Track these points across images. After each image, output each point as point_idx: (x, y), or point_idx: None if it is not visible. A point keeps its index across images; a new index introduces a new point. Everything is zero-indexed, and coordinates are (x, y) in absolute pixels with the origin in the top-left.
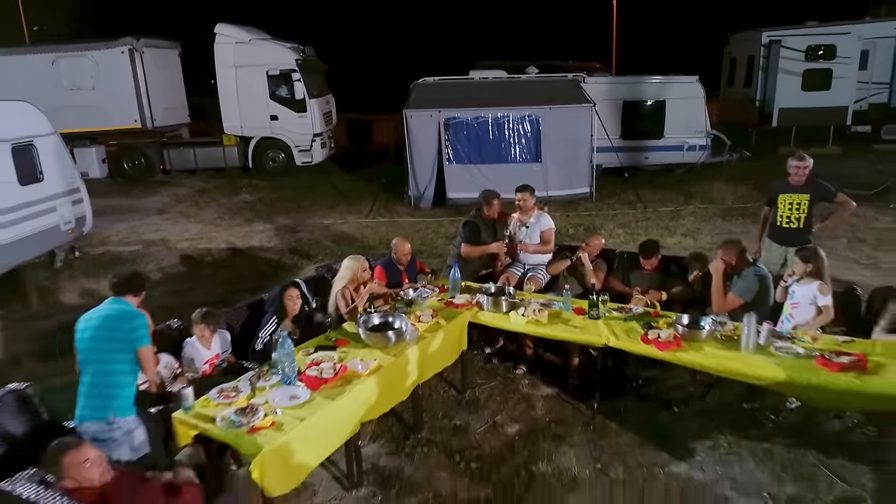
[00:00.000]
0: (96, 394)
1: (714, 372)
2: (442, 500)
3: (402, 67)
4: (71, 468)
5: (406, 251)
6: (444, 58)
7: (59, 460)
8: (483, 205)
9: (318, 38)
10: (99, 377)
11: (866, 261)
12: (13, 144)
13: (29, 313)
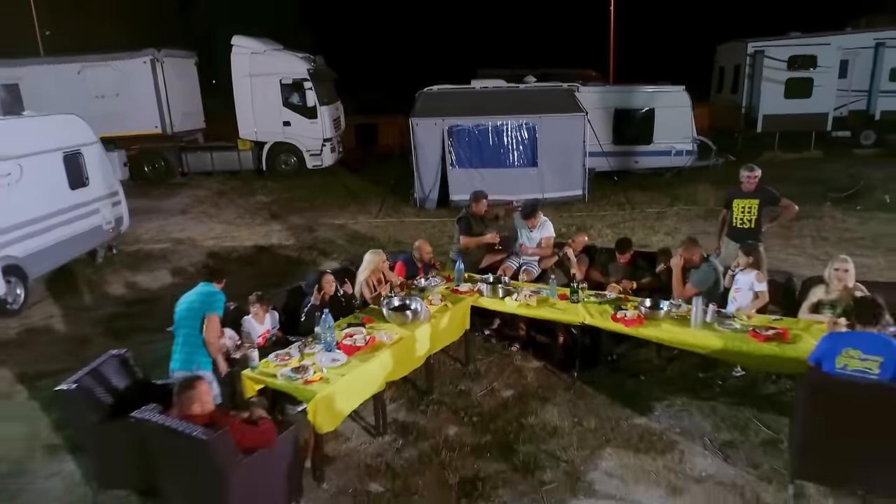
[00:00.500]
0: (186, 351)
1: (668, 343)
2: (450, 445)
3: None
4: (201, 394)
5: (427, 251)
6: (447, 63)
7: (194, 387)
8: (472, 202)
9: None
10: (188, 338)
11: (825, 257)
12: (64, 153)
13: (85, 303)
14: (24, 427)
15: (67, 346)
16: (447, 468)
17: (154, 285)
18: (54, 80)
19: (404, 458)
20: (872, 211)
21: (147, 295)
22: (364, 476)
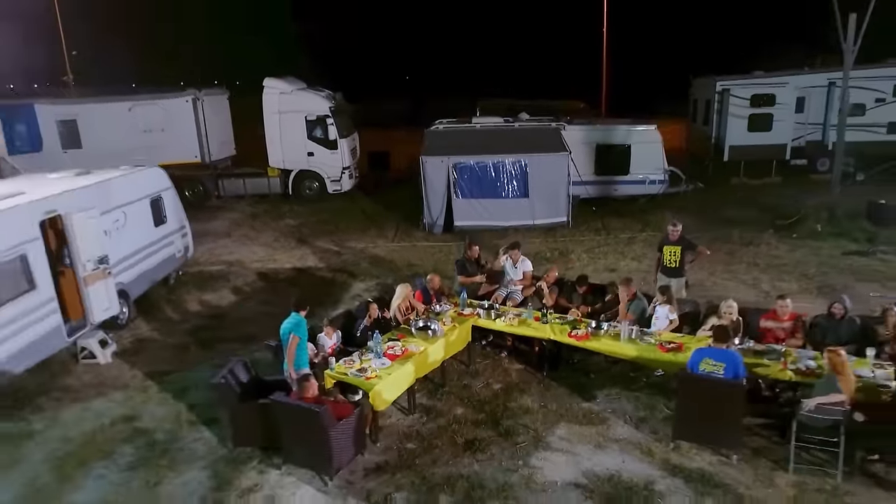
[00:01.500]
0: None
1: (604, 353)
2: (457, 420)
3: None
4: (312, 385)
5: (436, 284)
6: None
7: (308, 381)
8: (466, 249)
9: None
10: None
11: (752, 282)
12: (150, 199)
13: (171, 317)
14: (167, 409)
15: (172, 353)
16: (456, 434)
17: (221, 302)
18: (107, 117)
19: (427, 427)
20: (805, 239)
21: (217, 311)
22: (402, 438)
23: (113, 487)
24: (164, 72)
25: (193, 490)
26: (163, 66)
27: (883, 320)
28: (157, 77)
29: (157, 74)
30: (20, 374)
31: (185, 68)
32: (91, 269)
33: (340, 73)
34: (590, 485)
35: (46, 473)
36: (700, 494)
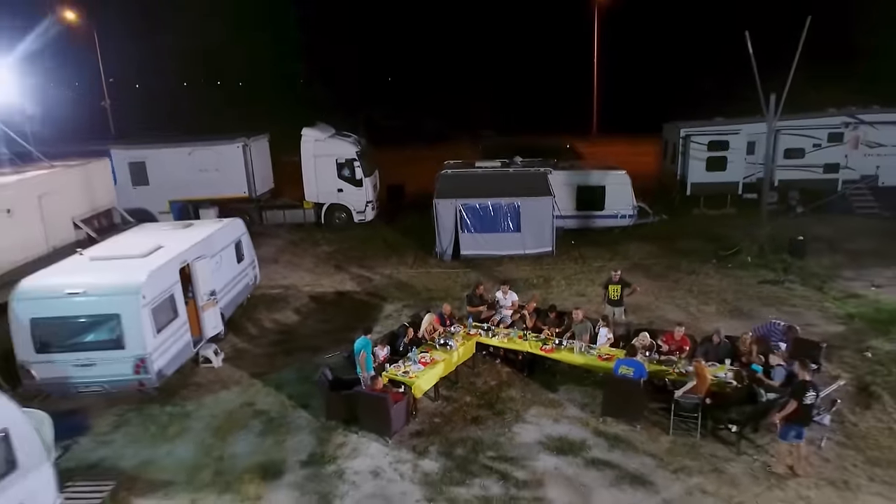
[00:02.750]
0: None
1: (564, 361)
2: (466, 404)
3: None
4: (379, 382)
5: (448, 311)
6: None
7: (376, 379)
8: (475, 287)
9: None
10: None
11: (685, 305)
12: (234, 242)
13: (253, 333)
14: (273, 398)
15: (263, 359)
16: (465, 413)
17: (287, 321)
18: (171, 160)
19: (447, 409)
20: (735, 269)
21: (286, 328)
22: (431, 415)
23: (254, 444)
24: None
25: (307, 445)
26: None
27: (740, 342)
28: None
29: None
30: (171, 375)
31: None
32: (206, 300)
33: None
34: (548, 443)
35: (208, 437)
36: (612, 448)
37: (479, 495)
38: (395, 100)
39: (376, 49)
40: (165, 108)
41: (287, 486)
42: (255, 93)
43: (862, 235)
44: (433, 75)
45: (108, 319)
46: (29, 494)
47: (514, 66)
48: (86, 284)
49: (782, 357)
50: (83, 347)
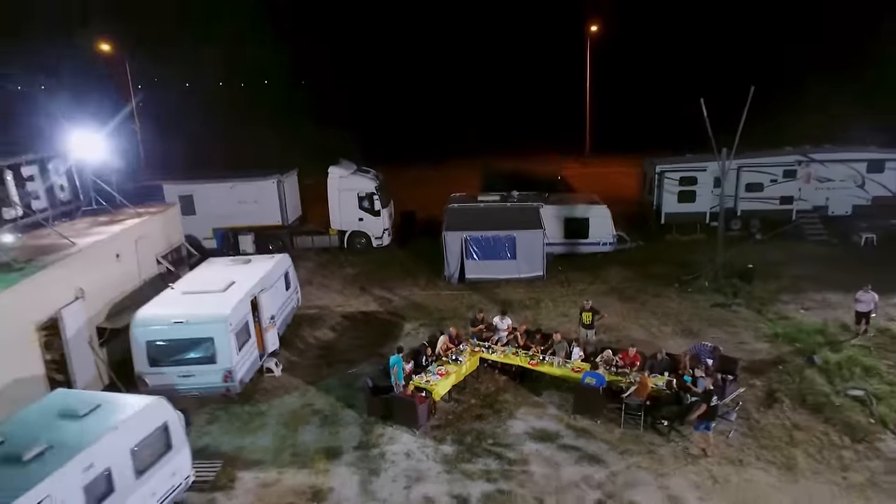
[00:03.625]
0: (396, 374)
1: (546, 373)
2: (472, 405)
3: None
4: (409, 389)
5: (454, 332)
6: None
7: (407, 385)
8: (477, 314)
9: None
10: (394, 367)
11: (647, 325)
12: (283, 274)
13: (300, 348)
14: (325, 400)
15: (312, 370)
16: (472, 412)
17: (325, 337)
18: (215, 193)
19: (458, 409)
20: (694, 293)
21: (325, 343)
22: (447, 413)
23: (316, 434)
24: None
25: (355, 435)
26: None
27: (679, 358)
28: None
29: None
30: (245, 382)
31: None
32: (267, 323)
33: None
34: (532, 433)
35: (282, 429)
36: (579, 437)
37: (483, 469)
38: (398, 118)
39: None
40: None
41: (345, 463)
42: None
43: (807, 261)
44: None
45: (204, 341)
46: (177, 468)
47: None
48: (186, 315)
49: (705, 371)
50: (185, 362)
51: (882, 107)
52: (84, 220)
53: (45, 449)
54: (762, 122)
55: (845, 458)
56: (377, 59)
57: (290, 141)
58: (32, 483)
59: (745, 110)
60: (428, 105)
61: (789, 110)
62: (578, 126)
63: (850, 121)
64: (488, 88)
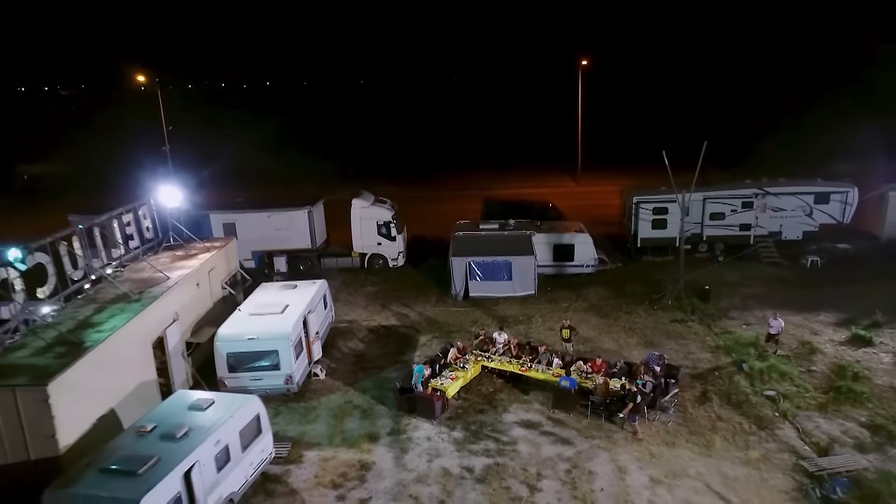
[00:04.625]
0: (418, 376)
1: (532, 377)
2: (475, 402)
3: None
4: (428, 389)
5: (460, 345)
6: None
7: (427, 386)
8: (479, 331)
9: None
10: (417, 374)
11: (616, 338)
12: (323, 296)
13: (336, 356)
14: (363, 398)
15: (349, 375)
16: (475, 407)
17: (356, 348)
18: (254, 221)
19: (464, 404)
20: (658, 311)
21: (357, 353)
22: (456, 409)
23: (359, 424)
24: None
25: (388, 424)
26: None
27: (635, 366)
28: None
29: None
30: (300, 384)
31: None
32: (314, 336)
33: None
34: (521, 423)
35: (331, 419)
36: (555, 426)
37: (483, 448)
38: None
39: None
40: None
41: (382, 445)
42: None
43: (758, 281)
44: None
45: (271, 353)
46: (265, 446)
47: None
48: (257, 332)
49: (653, 376)
50: (255, 369)
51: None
52: (165, 253)
53: (189, 430)
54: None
55: (750, 441)
56: (384, 89)
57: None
58: (187, 452)
59: (699, 162)
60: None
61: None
62: (572, 147)
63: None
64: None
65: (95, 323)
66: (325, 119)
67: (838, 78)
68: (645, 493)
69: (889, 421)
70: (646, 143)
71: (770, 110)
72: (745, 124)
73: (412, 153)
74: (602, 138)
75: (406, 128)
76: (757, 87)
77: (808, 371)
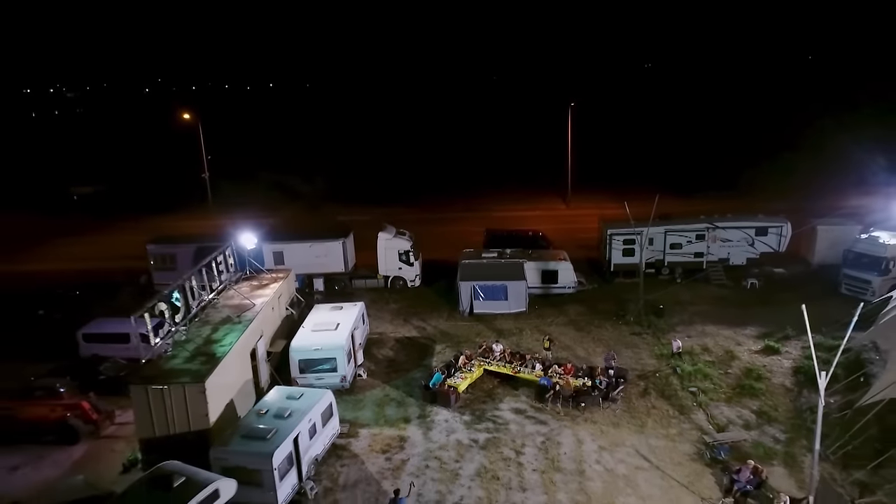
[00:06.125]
0: (436, 380)
1: (521, 377)
2: (479, 396)
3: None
4: (445, 385)
5: (468, 353)
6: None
7: (444, 383)
8: (483, 343)
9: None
10: (436, 379)
11: (591, 348)
12: (362, 314)
13: (374, 361)
14: (398, 392)
15: (385, 375)
16: (479, 399)
17: (388, 355)
18: (298, 250)
19: (472, 397)
20: (622, 325)
21: (390, 359)
22: (465, 400)
23: (396, 411)
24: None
25: (416, 411)
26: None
27: (597, 369)
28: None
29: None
30: (350, 382)
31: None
32: (358, 346)
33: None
34: (512, 410)
35: (375, 407)
36: (537, 412)
37: (485, 427)
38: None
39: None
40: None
41: (413, 424)
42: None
43: (705, 300)
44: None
45: (330, 359)
46: (334, 425)
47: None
48: (320, 344)
49: (605, 375)
50: (318, 371)
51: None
52: (244, 283)
53: (291, 412)
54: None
55: (672, 422)
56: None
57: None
58: (293, 426)
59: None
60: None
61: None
62: (562, 173)
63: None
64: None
65: (216, 340)
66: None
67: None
68: (594, 455)
69: (771, 409)
70: (636, 166)
71: (754, 144)
72: (729, 154)
73: (416, 178)
74: (594, 160)
75: (410, 155)
76: (744, 121)
77: (725, 373)
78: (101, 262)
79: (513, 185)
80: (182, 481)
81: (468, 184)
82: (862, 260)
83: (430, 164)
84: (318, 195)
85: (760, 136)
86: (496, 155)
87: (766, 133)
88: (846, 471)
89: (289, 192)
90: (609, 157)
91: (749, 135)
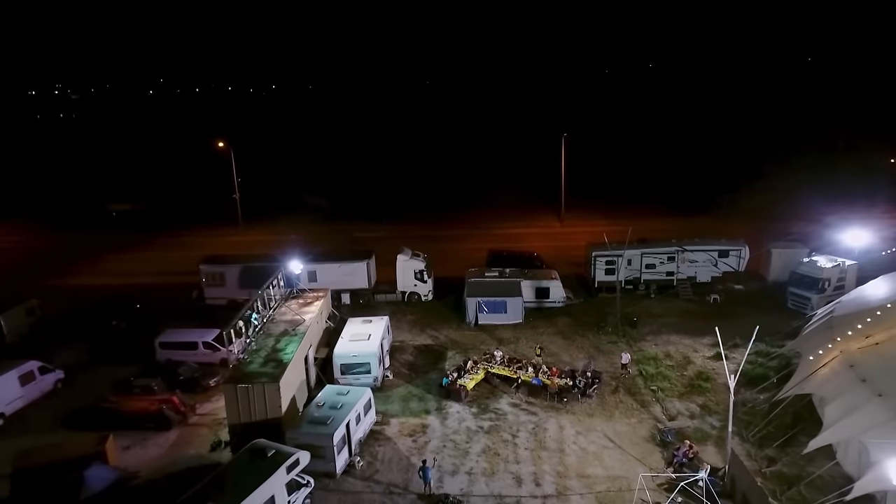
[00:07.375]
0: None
1: (516, 378)
2: (483, 393)
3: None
4: (455, 384)
5: (475, 358)
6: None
7: (456, 383)
8: (487, 351)
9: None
10: (445, 382)
11: (572, 352)
12: (387, 325)
13: (397, 365)
14: (420, 389)
15: (407, 376)
16: (483, 395)
17: (409, 359)
18: (329, 269)
19: (477, 394)
20: (601, 335)
21: (410, 362)
22: (473, 395)
23: (418, 404)
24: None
25: (434, 404)
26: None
27: (578, 371)
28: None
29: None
30: (381, 382)
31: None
32: (386, 352)
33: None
34: (509, 403)
35: (400, 402)
36: (530, 405)
37: (488, 417)
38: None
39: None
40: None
41: (432, 415)
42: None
43: (674, 313)
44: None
45: (365, 363)
46: (372, 416)
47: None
48: (357, 351)
49: (584, 377)
50: (356, 373)
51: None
52: (291, 301)
53: (343, 405)
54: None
55: (634, 413)
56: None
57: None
58: (345, 415)
59: (628, 234)
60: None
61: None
62: (556, 194)
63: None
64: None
65: (280, 349)
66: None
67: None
68: (572, 438)
69: (713, 403)
70: (626, 183)
71: (742, 169)
72: (713, 177)
73: (420, 196)
74: (587, 178)
75: (413, 170)
76: (734, 144)
77: (681, 375)
78: (150, 276)
79: (511, 199)
80: (274, 451)
81: (470, 200)
82: (804, 280)
83: (434, 180)
84: (331, 212)
85: (745, 158)
86: (495, 171)
87: (749, 158)
88: (760, 449)
89: (309, 209)
90: (601, 176)
91: (733, 157)
